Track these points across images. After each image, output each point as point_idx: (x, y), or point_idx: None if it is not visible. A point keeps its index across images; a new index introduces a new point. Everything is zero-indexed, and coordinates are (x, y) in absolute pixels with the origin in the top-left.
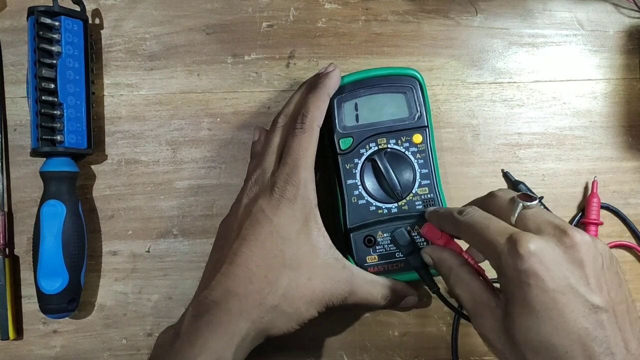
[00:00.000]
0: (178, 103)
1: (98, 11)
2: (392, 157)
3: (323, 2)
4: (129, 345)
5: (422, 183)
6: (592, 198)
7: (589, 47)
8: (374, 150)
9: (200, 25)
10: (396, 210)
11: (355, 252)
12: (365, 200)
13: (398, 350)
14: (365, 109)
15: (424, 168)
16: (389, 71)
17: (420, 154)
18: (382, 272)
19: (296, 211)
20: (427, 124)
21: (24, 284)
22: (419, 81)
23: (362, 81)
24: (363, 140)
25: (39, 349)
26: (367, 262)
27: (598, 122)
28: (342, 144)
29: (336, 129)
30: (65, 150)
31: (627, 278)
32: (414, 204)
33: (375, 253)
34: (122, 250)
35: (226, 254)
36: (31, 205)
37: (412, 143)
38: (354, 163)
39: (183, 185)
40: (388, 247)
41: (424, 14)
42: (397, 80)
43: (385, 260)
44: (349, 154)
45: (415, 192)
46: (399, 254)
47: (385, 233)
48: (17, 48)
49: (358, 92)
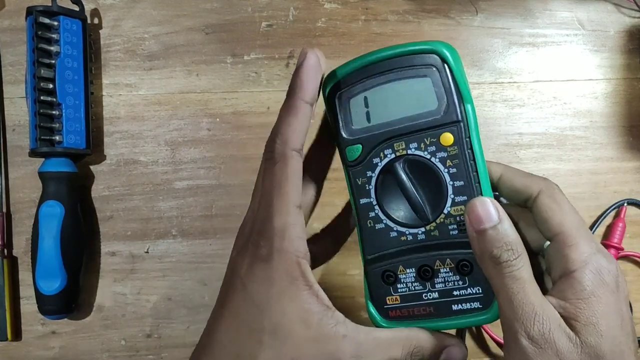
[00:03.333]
0: (177, 103)
1: (97, 11)
2: (415, 167)
3: (323, 2)
4: (128, 346)
5: (456, 200)
6: (618, 222)
7: (589, 47)
8: (391, 159)
9: (200, 25)
10: (423, 237)
11: (371, 291)
12: (384, 224)
13: None
14: (378, 103)
15: (459, 179)
16: (406, 48)
17: (452, 160)
18: (406, 318)
19: (273, 271)
20: (460, 117)
21: (23, 285)
22: (447, 59)
23: (371, 66)
24: (376, 146)
25: (37, 350)
26: (386, 303)
27: (599, 122)
28: (349, 154)
29: (341, 135)
30: (64, 150)
31: (629, 279)
32: (447, 228)
33: (397, 293)
34: (121, 250)
35: (208, 322)
36: (30, 205)
37: (440, 146)
38: (367, 177)
39: (182, 185)
40: (413, 285)
41: (424, 14)
42: (414, 60)
43: (410, 303)
44: (360, 165)
45: (448, 212)
46: (428, 295)
47: (408, 268)
48: (16, 48)
49: (367, 81)
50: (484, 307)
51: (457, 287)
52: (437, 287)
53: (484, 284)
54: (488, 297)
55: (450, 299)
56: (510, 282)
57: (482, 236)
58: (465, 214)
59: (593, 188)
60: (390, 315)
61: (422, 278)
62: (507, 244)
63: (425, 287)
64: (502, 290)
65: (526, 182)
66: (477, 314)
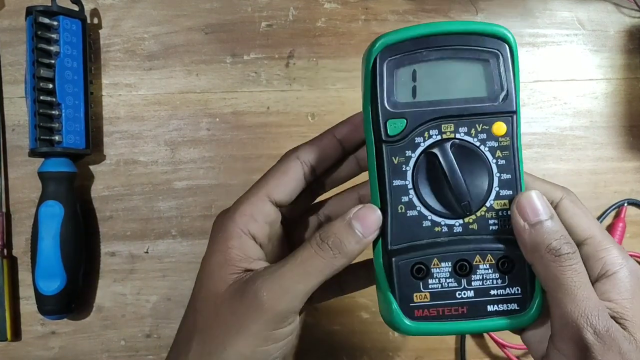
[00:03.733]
0: (177, 103)
1: (97, 11)
2: (461, 153)
3: (322, 2)
4: (128, 347)
5: (501, 194)
6: (619, 223)
7: (589, 46)
8: (436, 140)
9: (199, 25)
10: (460, 230)
11: (397, 286)
12: (417, 211)
13: (398, 352)
14: (427, 80)
15: (506, 172)
16: (468, 26)
17: (502, 151)
18: (435, 318)
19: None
20: (515, 108)
21: (22, 285)
22: (511, 46)
23: (425, 39)
24: (421, 124)
25: (37, 350)
26: (413, 301)
27: (599, 122)
28: (390, 128)
29: (383, 105)
30: (64, 150)
31: None
32: (487, 222)
33: (427, 289)
34: (121, 251)
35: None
36: (29, 205)
37: (491, 135)
38: (405, 157)
39: (182, 185)
40: (447, 281)
41: (424, 14)
42: (477, 41)
43: (442, 302)
44: (399, 142)
45: (491, 205)
46: (462, 293)
47: (444, 261)
48: (16, 48)
49: (419, 54)
50: (521, 310)
51: (495, 285)
52: (474, 285)
53: (524, 284)
54: (526, 298)
55: (486, 299)
56: (573, 275)
57: (538, 228)
58: (516, 206)
59: (593, 188)
60: (416, 314)
61: (458, 274)
62: (565, 237)
63: (461, 284)
64: (563, 283)
65: (546, 188)
66: (514, 316)
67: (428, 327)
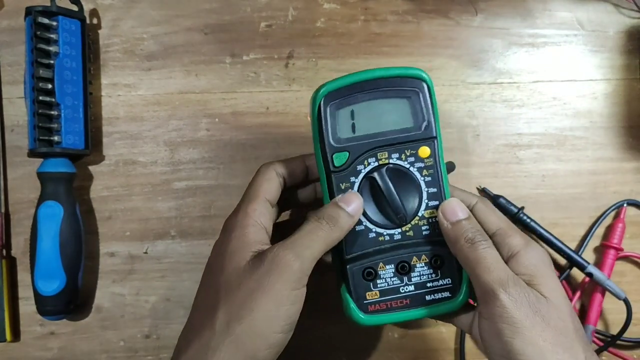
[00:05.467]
0: (176, 103)
1: (96, 11)
2: (395, 175)
3: (322, 2)
4: (127, 347)
5: (429, 204)
6: (618, 223)
7: (589, 47)
8: (374, 166)
9: (199, 25)
10: (399, 237)
11: (353, 288)
12: (363, 226)
13: (397, 352)
14: (363, 117)
15: (432, 187)
16: (391, 72)
17: (427, 170)
18: (384, 311)
19: (229, 235)
20: (435, 134)
21: (21, 285)
22: (427, 84)
23: (359, 84)
24: (361, 154)
25: (36, 351)
26: (366, 299)
27: (598, 122)
28: (336, 160)
29: (328, 141)
30: (63, 150)
31: (628, 279)
32: (421, 229)
33: (376, 288)
34: (120, 251)
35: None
36: (28, 206)
37: (418, 157)
38: (350, 182)
39: (181, 186)
40: (391, 280)
41: (423, 14)
42: (400, 82)
43: (389, 297)
44: (344, 171)
45: (422, 215)
46: (405, 289)
47: (388, 264)
48: (15, 48)
49: (355, 97)
50: (453, 296)
51: (430, 279)
52: (414, 281)
53: (453, 275)
54: (455, 287)
55: (424, 291)
56: (486, 255)
57: (457, 225)
58: (440, 211)
59: (593, 188)
60: (369, 309)
61: (400, 273)
62: (479, 230)
63: (403, 281)
64: (480, 262)
65: (464, 195)
66: (447, 302)
67: (380, 318)
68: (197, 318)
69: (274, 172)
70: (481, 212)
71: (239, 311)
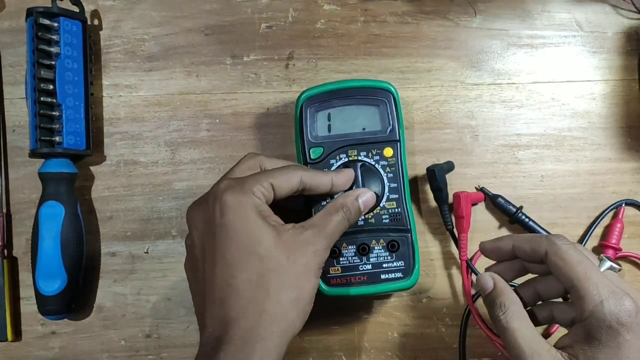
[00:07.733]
0: (177, 104)
1: (97, 12)
2: (362, 170)
3: (322, 3)
4: (128, 347)
5: (390, 197)
6: (617, 223)
7: (587, 48)
8: (345, 161)
9: (199, 26)
10: (362, 223)
11: None
12: None
13: (397, 352)
14: (338, 119)
15: (393, 182)
16: (364, 83)
17: (390, 167)
18: (344, 285)
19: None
20: (399, 138)
21: (23, 285)
22: (393, 95)
23: (336, 91)
24: (334, 150)
25: (37, 351)
26: (330, 273)
27: (597, 123)
28: (312, 153)
29: (307, 138)
30: (64, 151)
31: (627, 279)
32: (381, 217)
33: (339, 265)
34: (121, 251)
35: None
36: (30, 206)
37: (382, 156)
38: None
39: (182, 186)
40: (352, 259)
41: (422, 15)
42: (371, 92)
43: (349, 273)
44: (319, 163)
45: (383, 205)
46: (363, 267)
47: (350, 245)
48: (16, 49)
49: (332, 102)
50: (405, 277)
51: (386, 261)
52: (371, 261)
53: (407, 259)
54: (408, 269)
55: (380, 270)
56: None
57: (484, 298)
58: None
59: (591, 189)
60: (332, 282)
61: (361, 254)
62: (500, 303)
63: (362, 260)
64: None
65: (533, 246)
66: (399, 281)
67: (340, 290)
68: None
69: (258, 165)
70: (552, 269)
71: (297, 281)
